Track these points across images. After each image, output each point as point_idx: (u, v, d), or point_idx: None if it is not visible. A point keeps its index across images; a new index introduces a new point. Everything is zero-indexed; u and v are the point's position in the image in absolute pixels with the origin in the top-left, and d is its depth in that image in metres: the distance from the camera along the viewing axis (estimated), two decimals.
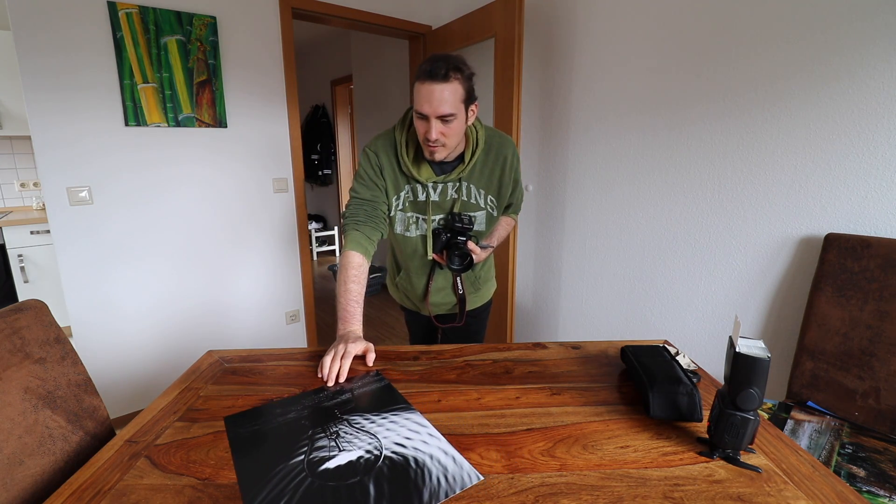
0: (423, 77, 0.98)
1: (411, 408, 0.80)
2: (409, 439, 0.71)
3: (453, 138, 1.04)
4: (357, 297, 1.05)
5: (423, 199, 1.15)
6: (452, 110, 0.99)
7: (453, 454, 0.68)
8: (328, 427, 0.73)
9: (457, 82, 0.98)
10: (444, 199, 1.16)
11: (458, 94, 0.99)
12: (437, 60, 0.97)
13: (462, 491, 0.60)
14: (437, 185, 1.14)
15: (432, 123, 1.00)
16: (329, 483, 0.61)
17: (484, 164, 1.16)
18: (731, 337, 0.65)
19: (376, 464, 0.65)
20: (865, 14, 1.21)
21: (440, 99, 0.97)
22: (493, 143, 1.16)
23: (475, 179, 1.16)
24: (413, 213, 1.18)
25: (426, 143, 1.04)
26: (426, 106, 0.98)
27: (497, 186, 1.19)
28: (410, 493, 0.59)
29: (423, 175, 1.12)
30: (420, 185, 1.14)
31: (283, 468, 0.63)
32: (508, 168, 1.17)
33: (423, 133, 1.03)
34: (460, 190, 1.16)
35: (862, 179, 1.26)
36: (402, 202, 1.17)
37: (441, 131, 1.01)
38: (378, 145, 1.14)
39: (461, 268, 1.15)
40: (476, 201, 1.18)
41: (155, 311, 2.06)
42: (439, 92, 0.97)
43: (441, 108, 0.98)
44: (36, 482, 0.69)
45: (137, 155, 1.91)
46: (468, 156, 1.13)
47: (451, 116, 0.99)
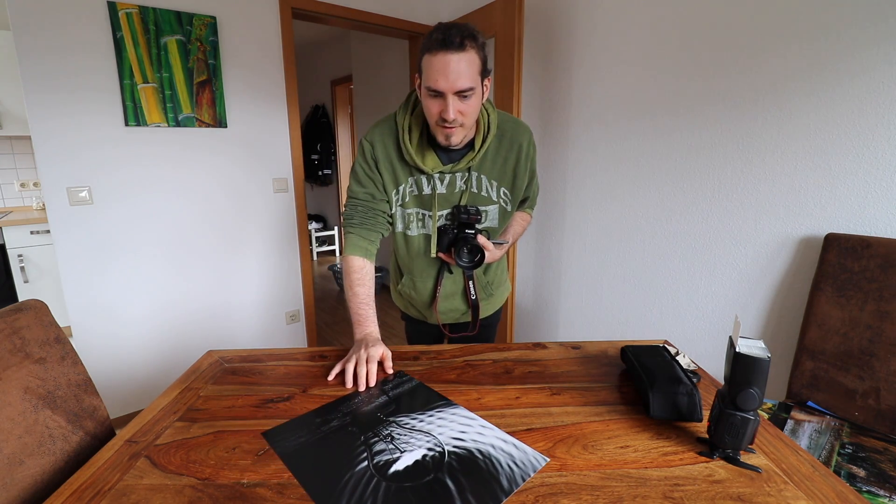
0: (436, 47, 0.85)
1: (453, 403, 0.80)
2: (464, 433, 0.71)
3: (471, 116, 0.93)
4: (366, 300, 1.02)
5: (428, 191, 1.03)
6: (471, 83, 0.88)
7: (513, 441, 0.69)
8: (379, 431, 0.72)
9: (473, 51, 0.87)
10: (452, 192, 1.04)
11: (475, 65, 0.88)
12: (450, 28, 0.86)
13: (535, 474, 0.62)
14: (445, 176, 1.02)
15: (449, 101, 0.88)
16: (405, 484, 0.60)
17: (497, 153, 1.04)
18: (731, 337, 0.65)
19: (443, 460, 0.65)
20: (865, 15, 1.21)
21: (457, 71, 0.85)
22: (506, 129, 1.04)
23: (487, 169, 1.04)
24: (415, 209, 1.07)
25: (441, 126, 0.93)
26: (441, 80, 0.86)
27: (511, 177, 1.06)
28: (489, 482, 0.60)
29: (429, 164, 1.00)
30: (425, 175, 1.02)
31: (351, 476, 0.62)
32: (524, 157, 1.05)
33: (437, 113, 0.91)
34: (470, 181, 1.03)
35: (862, 179, 1.26)
36: (402, 197, 1.05)
37: (459, 109, 0.89)
38: (375, 134, 1.04)
39: (471, 263, 1.03)
40: (488, 194, 1.06)
41: (154, 310, 2.06)
42: (456, 63, 0.85)
43: (459, 82, 0.86)
44: (36, 482, 0.69)
45: (137, 155, 1.91)
46: (479, 142, 1.00)
47: (469, 91, 0.88)
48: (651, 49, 1.72)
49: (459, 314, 1.24)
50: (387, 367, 0.93)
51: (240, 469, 0.64)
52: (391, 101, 3.60)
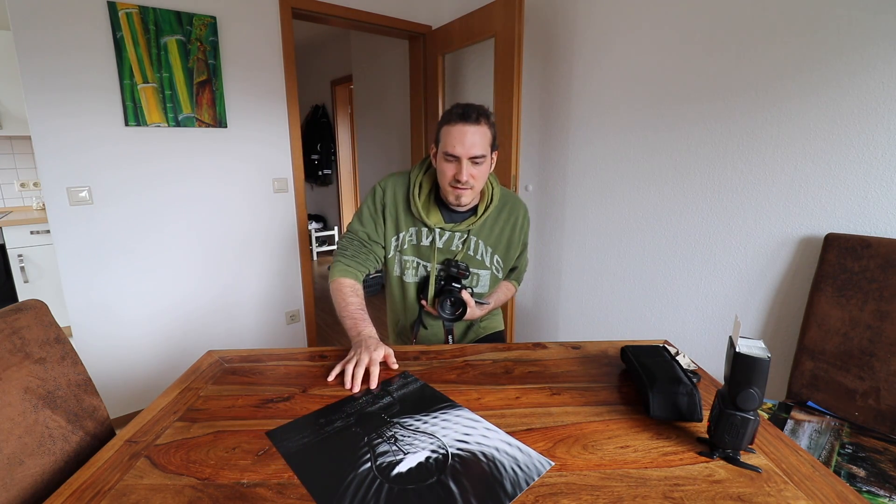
0: (456, 119, 1.01)
1: (458, 405, 0.80)
2: (468, 435, 0.71)
3: (481, 181, 1.06)
4: (361, 307, 1.06)
5: (426, 243, 1.14)
6: (483, 152, 1.02)
7: (517, 444, 0.69)
8: (382, 432, 0.72)
9: (486, 126, 1.02)
10: (448, 248, 1.14)
11: (487, 138, 1.03)
12: (468, 106, 1.01)
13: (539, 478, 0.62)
14: (444, 233, 1.13)
15: (464, 165, 1.01)
16: (408, 486, 0.60)
17: (495, 221, 1.16)
18: (731, 337, 0.65)
19: (447, 462, 0.65)
20: (865, 14, 1.21)
21: (472, 141, 1.00)
22: (506, 201, 1.18)
23: (484, 235, 1.15)
24: (412, 257, 1.16)
25: (454, 187, 1.05)
26: (459, 147, 1.00)
27: (506, 246, 1.19)
28: (493, 486, 0.60)
29: (432, 219, 1.12)
30: (427, 228, 1.13)
31: (354, 477, 0.62)
32: (519, 229, 1.19)
33: (451, 175, 1.04)
34: (467, 242, 1.14)
35: (862, 179, 1.26)
36: (402, 243, 1.15)
37: (472, 173, 1.03)
38: (389, 182, 1.15)
39: (453, 317, 1.11)
40: (482, 258, 1.17)
41: (155, 311, 2.06)
42: (472, 134, 1.00)
43: (473, 150, 1.00)
44: (36, 482, 0.69)
45: (137, 155, 1.91)
46: (481, 209, 1.13)
47: (481, 158, 1.02)
48: (651, 49, 1.72)
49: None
50: (391, 363, 0.94)
51: (240, 469, 0.64)
52: (391, 101, 3.60)
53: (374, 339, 0.97)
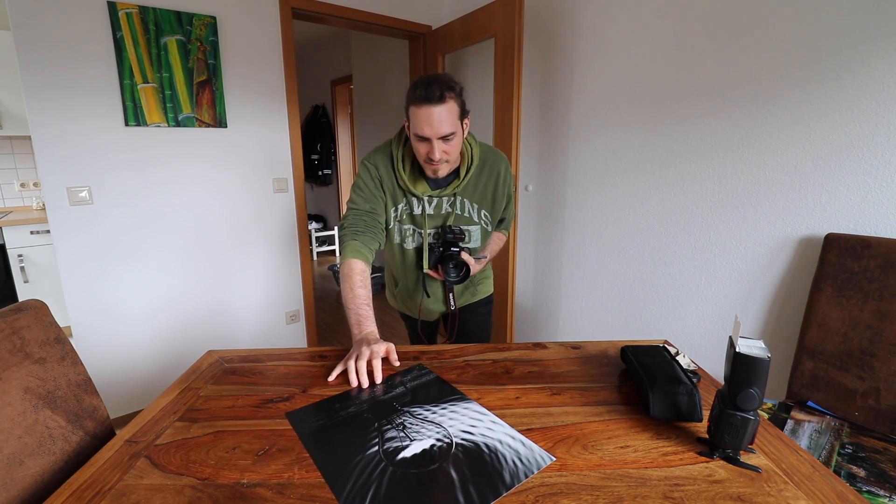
0: (419, 101, 1.00)
1: (467, 398, 0.83)
2: (474, 427, 0.74)
3: (454, 154, 1.08)
4: (367, 301, 1.05)
5: (418, 212, 1.18)
6: (452, 129, 1.02)
7: (521, 438, 0.71)
8: (392, 419, 0.76)
9: (452, 101, 1.01)
10: (439, 213, 1.19)
11: (454, 113, 1.02)
12: (430, 84, 0.99)
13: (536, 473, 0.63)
14: (433, 199, 1.17)
15: (434, 144, 1.02)
16: (411, 471, 0.63)
17: (478, 179, 1.19)
18: (731, 337, 0.65)
19: (450, 451, 0.67)
20: (865, 12, 1.21)
21: (439, 120, 1.00)
22: (487, 159, 1.19)
23: (469, 194, 1.19)
24: (409, 226, 1.21)
25: (429, 163, 1.07)
26: (427, 129, 1.01)
27: (491, 201, 1.22)
28: (492, 476, 0.62)
29: (419, 189, 1.15)
30: (416, 198, 1.17)
31: (362, 459, 0.66)
32: (502, 183, 1.21)
33: (424, 154, 1.05)
34: (455, 204, 1.18)
35: (862, 179, 1.26)
36: (399, 214, 1.19)
37: (444, 150, 1.04)
38: (377, 159, 1.16)
39: (459, 278, 1.16)
40: (470, 215, 1.21)
41: (155, 310, 2.06)
42: (437, 114, 0.99)
43: (442, 129, 1.01)
44: (36, 482, 0.69)
45: (137, 155, 1.91)
46: (463, 171, 1.16)
47: (451, 135, 1.03)
48: (651, 49, 1.72)
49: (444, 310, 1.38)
50: (392, 359, 0.96)
51: (240, 469, 0.64)
52: (391, 101, 3.60)
53: (373, 335, 0.98)
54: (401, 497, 0.59)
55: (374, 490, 0.60)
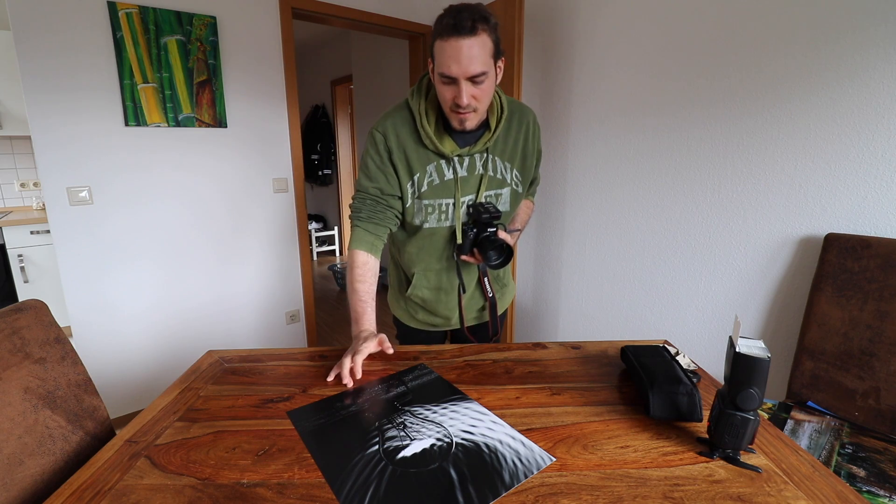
0: (447, 32, 0.83)
1: (468, 397, 0.83)
2: (474, 426, 0.74)
3: (485, 101, 0.92)
4: (365, 297, 1.00)
5: (450, 176, 1.00)
6: (484, 68, 0.86)
7: (521, 439, 0.70)
8: (393, 418, 0.76)
9: (485, 34, 0.85)
10: (473, 174, 1.01)
11: (487, 49, 0.86)
12: (461, 11, 0.83)
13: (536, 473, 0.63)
14: (464, 159, 1.00)
15: (462, 86, 0.87)
16: (410, 470, 0.63)
17: (507, 133, 1.03)
18: (731, 337, 0.65)
19: (450, 450, 0.67)
20: (865, 14, 1.21)
21: (469, 56, 0.84)
22: (514, 110, 1.04)
23: (499, 151, 1.03)
24: (434, 200, 1.01)
25: (455, 111, 0.91)
26: (454, 66, 0.85)
27: (521, 158, 1.06)
28: (491, 476, 0.62)
29: (447, 148, 0.98)
30: (444, 160, 0.99)
31: (361, 458, 0.66)
32: (532, 136, 1.06)
33: (450, 99, 0.90)
34: (487, 164, 1.01)
35: (862, 179, 1.26)
36: (417, 187, 1.01)
37: (473, 94, 0.88)
38: (387, 125, 0.99)
39: (500, 262, 1.00)
40: (503, 176, 1.04)
41: (155, 310, 2.06)
42: (468, 48, 0.83)
43: (472, 67, 0.85)
44: (36, 482, 0.69)
45: (137, 155, 1.91)
46: (494, 122, 0.99)
47: (482, 76, 0.87)
48: (651, 49, 1.72)
49: (475, 314, 1.21)
50: (386, 348, 0.94)
51: (240, 469, 0.64)
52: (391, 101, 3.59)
53: (365, 332, 0.96)
54: (400, 496, 0.59)
55: (373, 489, 0.60)
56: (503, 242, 0.99)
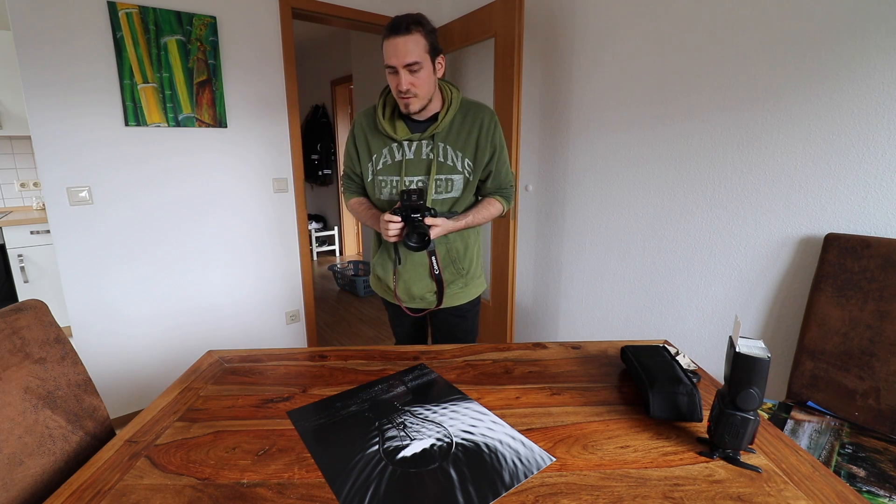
0: (388, 33, 1.07)
1: (468, 397, 0.83)
2: (474, 426, 0.74)
3: (423, 87, 1.11)
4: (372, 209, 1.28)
5: (399, 158, 1.20)
6: (417, 59, 1.07)
7: (521, 439, 0.71)
8: (393, 418, 0.76)
9: (418, 34, 1.06)
10: (419, 158, 1.20)
11: (420, 45, 1.07)
12: (400, 18, 1.07)
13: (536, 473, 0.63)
14: (412, 143, 1.19)
15: (401, 75, 1.07)
16: (411, 470, 0.64)
17: (461, 126, 1.20)
18: (731, 337, 0.65)
19: (450, 450, 0.68)
20: (865, 12, 1.21)
21: (405, 50, 1.05)
22: (470, 107, 1.22)
23: (451, 140, 1.19)
24: (387, 176, 1.22)
25: (400, 97, 1.12)
26: (393, 58, 1.07)
27: (474, 148, 1.21)
28: (491, 476, 0.62)
29: (399, 133, 1.18)
30: (396, 143, 1.20)
31: (361, 458, 0.66)
32: (485, 130, 1.20)
33: (395, 86, 1.11)
34: (436, 150, 1.19)
35: (862, 179, 1.26)
36: (378, 164, 1.22)
37: (410, 81, 1.08)
38: (360, 115, 1.26)
39: (418, 245, 1.10)
40: (453, 163, 1.20)
41: (155, 310, 2.06)
42: (403, 44, 1.05)
43: (406, 58, 1.06)
44: (36, 482, 0.69)
45: (137, 155, 1.91)
46: (442, 114, 1.18)
47: (416, 65, 1.07)
48: (651, 49, 1.72)
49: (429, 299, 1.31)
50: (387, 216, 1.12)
51: (240, 469, 0.64)
52: None
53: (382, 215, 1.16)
54: (400, 496, 0.59)
55: (373, 489, 0.60)
56: (424, 229, 1.09)
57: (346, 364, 0.97)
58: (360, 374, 0.92)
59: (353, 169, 1.30)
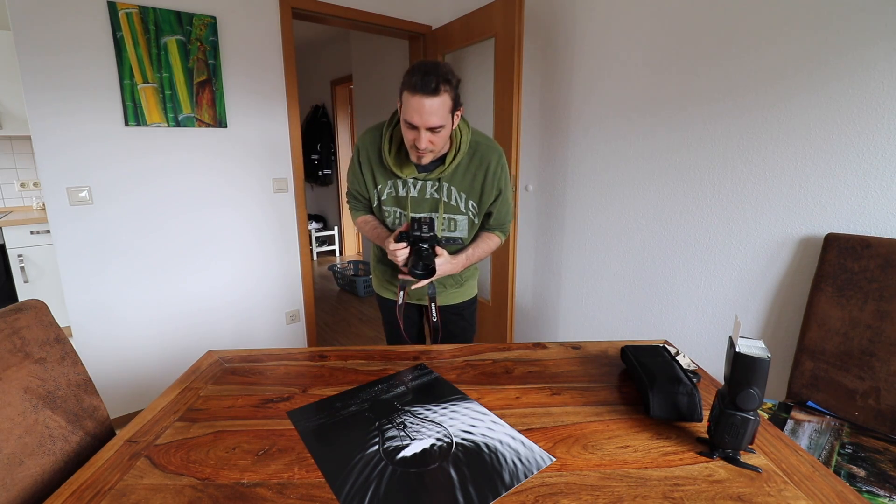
0: (414, 89, 0.99)
1: (468, 397, 0.83)
2: (474, 426, 0.74)
3: (440, 145, 1.08)
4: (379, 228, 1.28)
5: (403, 194, 1.20)
6: (442, 122, 1.02)
7: (521, 439, 0.71)
8: (393, 418, 0.76)
9: (446, 94, 1.00)
10: (423, 197, 1.19)
11: (446, 106, 1.01)
12: (428, 73, 0.98)
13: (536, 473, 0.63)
14: (418, 182, 1.18)
15: (422, 134, 1.03)
16: (411, 470, 0.64)
17: (467, 168, 1.17)
18: (731, 337, 0.65)
19: (450, 450, 0.68)
20: (866, 13, 1.21)
21: (430, 112, 0.99)
22: (478, 149, 1.18)
23: (457, 182, 1.18)
24: (393, 208, 1.23)
25: (414, 150, 1.08)
26: (416, 118, 1.01)
27: (479, 192, 1.19)
28: (491, 476, 0.62)
29: (405, 172, 1.16)
30: (401, 180, 1.18)
31: (361, 458, 0.66)
32: (491, 174, 1.18)
33: (411, 140, 1.06)
34: (441, 190, 1.18)
35: (862, 179, 1.26)
36: (383, 195, 1.22)
37: (430, 140, 1.05)
38: (366, 140, 1.21)
39: (424, 274, 1.10)
40: (457, 204, 1.20)
41: (155, 310, 2.06)
42: (429, 106, 0.99)
43: (431, 121, 1.00)
44: (36, 482, 0.69)
45: (137, 155, 1.91)
46: (449, 158, 1.14)
47: (440, 128, 1.03)
48: (651, 49, 1.72)
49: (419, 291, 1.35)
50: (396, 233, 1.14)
51: (240, 469, 0.64)
52: (391, 102, 3.60)
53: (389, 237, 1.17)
54: (400, 496, 0.59)
55: (373, 489, 0.60)
56: (431, 262, 1.10)
57: (346, 364, 0.97)
58: (360, 374, 0.92)
59: (359, 191, 1.28)
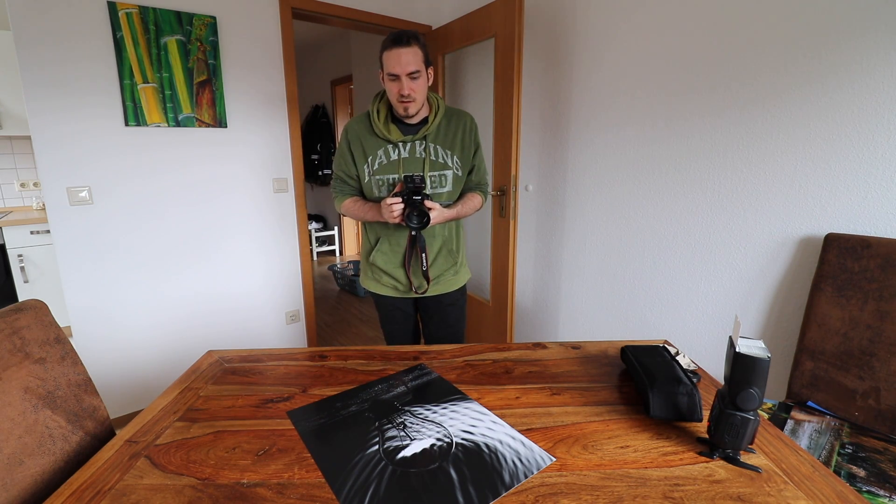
0: (391, 45, 1.22)
1: (468, 397, 0.83)
2: (474, 426, 0.74)
3: (420, 93, 1.27)
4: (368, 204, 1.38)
5: (395, 157, 1.34)
6: (417, 67, 1.23)
7: (521, 439, 0.71)
8: (393, 418, 0.77)
9: (417, 46, 1.23)
10: (413, 157, 1.35)
11: (419, 56, 1.23)
12: (400, 32, 1.23)
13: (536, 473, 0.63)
14: (406, 144, 1.34)
15: (403, 81, 1.22)
16: (411, 470, 0.64)
17: (447, 128, 1.38)
18: (731, 337, 0.65)
19: (450, 450, 0.68)
20: (866, 14, 1.21)
21: (407, 60, 1.21)
22: (453, 113, 1.40)
23: (440, 140, 1.37)
24: (385, 176, 1.35)
25: (400, 101, 1.25)
26: (397, 67, 1.21)
27: (460, 147, 1.39)
28: (491, 476, 0.62)
29: (394, 135, 1.32)
30: (391, 144, 1.34)
31: (362, 458, 0.66)
32: (468, 130, 1.40)
33: (396, 91, 1.24)
34: (427, 149, 1.35)
35: (862, 179, 1.26)
36: (375, 165, 1.35)
37: (411, 87, 1.23)
38: (352, 122, 1.38)
39: (419, 224, 1.24)
40: (444, 160, 1.37)
41: (155, 310, 2.06)
42: (406, 54, 1.21)
43: (409, 67, 1.21)
44: (36, 482, 0.69)
45: (137, 155, 1.91)
46: (431, 117, 1.34)
47: (417, 73, 1.23)
48: (651, 49, 1.72)
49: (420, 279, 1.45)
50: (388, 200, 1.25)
51: (240, 469, 0.64)
52: None
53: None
54: (400, 496, 0.59)
55: (373, 489, 0.60)
56: (425, 209, 1.24)
57: (346, 364, 0.97)
58: (360, 374, 0.92)
59: (346, 172, 1.40)
